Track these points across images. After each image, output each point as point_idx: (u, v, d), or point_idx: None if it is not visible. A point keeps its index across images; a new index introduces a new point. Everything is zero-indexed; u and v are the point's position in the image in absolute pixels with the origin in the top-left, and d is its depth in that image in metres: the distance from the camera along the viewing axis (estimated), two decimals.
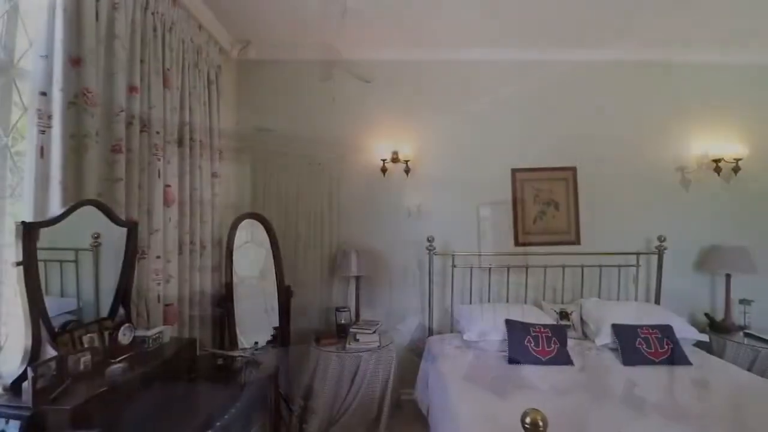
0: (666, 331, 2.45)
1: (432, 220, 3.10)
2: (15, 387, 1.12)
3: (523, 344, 2.38)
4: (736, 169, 3.13)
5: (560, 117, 3.18)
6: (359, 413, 2.37)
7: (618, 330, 2.49)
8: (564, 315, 2.84)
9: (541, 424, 0.91)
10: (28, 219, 1.30)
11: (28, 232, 1.18)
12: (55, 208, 1.36)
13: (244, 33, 2.84)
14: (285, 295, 2.68)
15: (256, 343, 2.07)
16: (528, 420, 0.92)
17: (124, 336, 1.43)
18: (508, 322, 2.50)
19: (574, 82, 3.18)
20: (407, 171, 3.09)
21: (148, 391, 1.36)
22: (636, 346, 2.38)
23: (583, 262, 3.05)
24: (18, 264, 1.15)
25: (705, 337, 2.62)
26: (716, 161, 3.15)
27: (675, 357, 2.34)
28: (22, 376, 1.11)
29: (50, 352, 1.21)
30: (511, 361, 2.35)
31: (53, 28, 1.41)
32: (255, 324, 2.69)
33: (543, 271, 3.06)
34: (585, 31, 2.85)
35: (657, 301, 3.02)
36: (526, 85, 3.18)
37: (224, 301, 2.43)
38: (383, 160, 3.05)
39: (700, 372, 2.24)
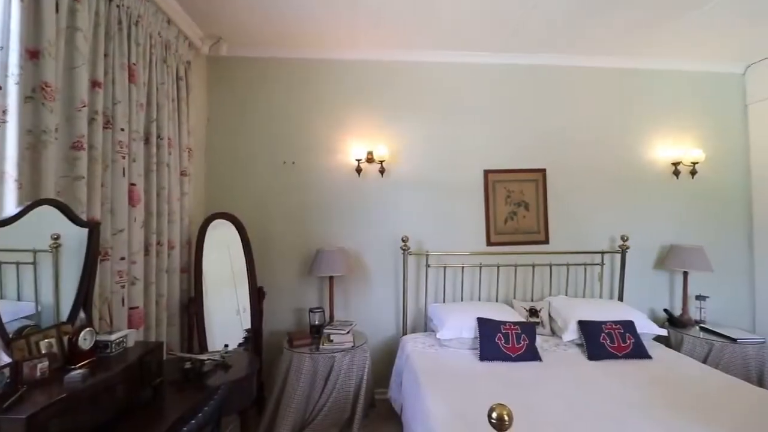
0: (628, 326, 2.57)
1: (407, 220, 3.13)
2: None
3: (494, 342, 2.44)
4: (693, 172, 3.32)
5: (531, 120, 3.28)
6: (333, 414, 2.36)
7: (583, 326, 2.59)
8: (533, 312, 2.93)
9: (506, 418, 0.94)
10: None
11: None
12: (11, 208, 1.29)
13: (215, 28, 2.78)
14: (257, 296, 2.64)
15: (226, 345, 2.02)
16: (494, 415, 0.95)
17: (85, 341, 1.37)
18: (479, 320, 2.55)
19: (544, 86, 3.29)
20: (382, 171, 3.10)
21: (110, 397, 1.31)
22: (600, 341, 2.49)
23: (551, 261, 3.16)
24: None
25: (664, 332, 2.76)
26: (675, 164, 3.33)
27: (636, 351, 2.46)
28: None
29: (4, 358, 1.15)
30: (483, 358, 2.40)
31: (8, 19, 1.34)
32: (226, 326, 2.64)
33: (514, 270, 3.15)
34: (555, 38, 2.95)
35: (620, 298, 3.16)
36: (500, 88, 3.27)
37: (193, 303, 2.37)
38: (358, 160, 3.05)
39: (660, 365, 2.37)
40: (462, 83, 3.24)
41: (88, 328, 1.38)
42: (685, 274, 3.15)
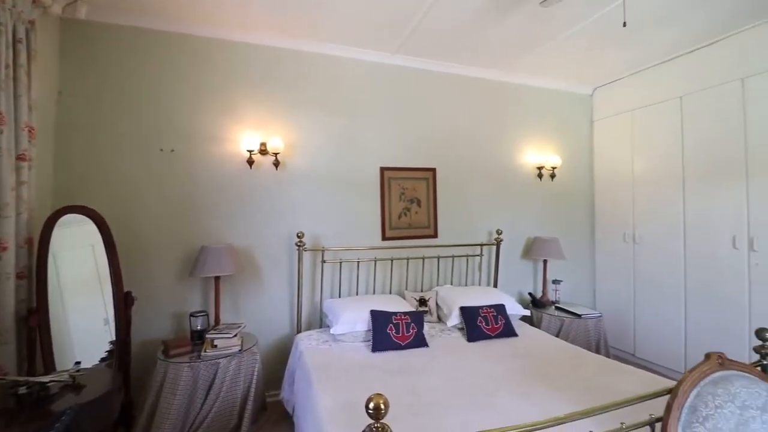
0: (500, 309, 2.90)
1: (302, 215, 3.06)
2: None
3: (386, 332, 2.53)
4: (552, 176, 3.90)
5: (424, 121, 3.48)
6: (217, 424, 2.18)
7: (464, 312, 2.85)
8: (423, 302, 3.12)
9: (383, 407, 0.97)
10: None
11: None
12: None
13: None
14: (124, 303, 2.30)
15: (78, 363, 1.72)
16: (371, 405, 0.97)
17: None
18: (372, 312, 2.62)
19: (436, 90, 3.52)
20: (277, 164, 2.97)
21: None
22: (477, 324, 2.76)
23: (439, 253, 3.40)
24: None
25: (528, 312, 3.18)
26: (539, 168, 3.87)
27: (506, 331, 2.79)
28: None
29: None
30: (375, 349, 2.47)
31: None
32: (90, 339, 2.27)
33: (406, 263, 3.31)
34: (446, 47, 3.18)
35: (495, 285, 3.57)
36: (396, 89, 3.40)
37: (35, 315, 1.96)
38: (250, 152, 2.87)
39: (524, 341, 2.72)
40: (361, 80, 3.28)
41: None
42: (545, 261, 3.68)
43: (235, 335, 2.34)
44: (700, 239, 3.15)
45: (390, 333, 2.53)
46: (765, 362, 1.69)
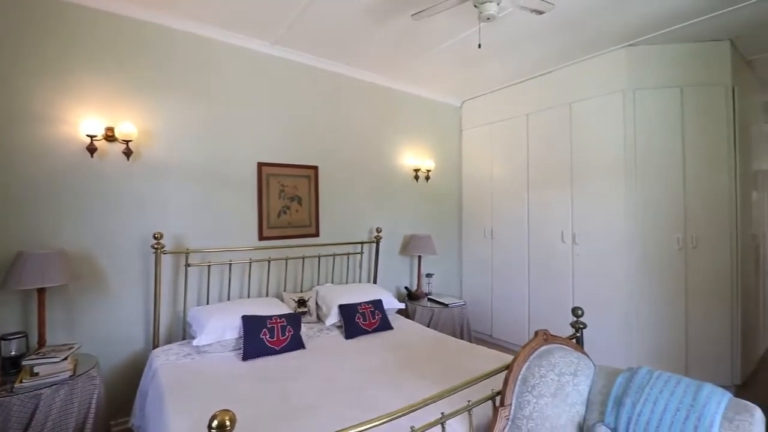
0: (377, 304, 3.00)
1: (162, 213, 2.69)
2: None
3: (259, 337, 2.39)
4: (427, 178, 4.20)
5: (307, 118, 3.39)
6: None
7: (343, 309, 2.88)
8: (302, 303, 3.05)
9: (228, 424, 0.90)
10: None
11: None
12: None
13: None
14: None
15: None
16: (215, 423, 0.89)
17: None
18: (244, 318, 2.45)
19: (321, 88, 3.48)
20: (128, 154, 2.55)
21: None
22: (355, 320, 2.81)
23: (320, 252, 3.37)
24: None
25: (402, 305, 3.37)
26: (416, 170, 4.13)
27: (382, 325, 2.91)
28: None
29: None
30: (246, 357, 2.31)
31: None
32: None
33: (285, 263, 3.19)
34: (328, 44, 3.14)
35: (375, 281, 3.69)
36: (277, 82, 3.24)
37: None
38: (91, 137, 2.41)
39: (398, 333, 2.87)
40: (238, 68, 3.03)
41: None
42: (419, 257, 3.96)
43: (65, 358, 1.93)
44: (539, 235, 3.76)
45: (264, 338, 2.40)
46: (578, 335, 2.09)
